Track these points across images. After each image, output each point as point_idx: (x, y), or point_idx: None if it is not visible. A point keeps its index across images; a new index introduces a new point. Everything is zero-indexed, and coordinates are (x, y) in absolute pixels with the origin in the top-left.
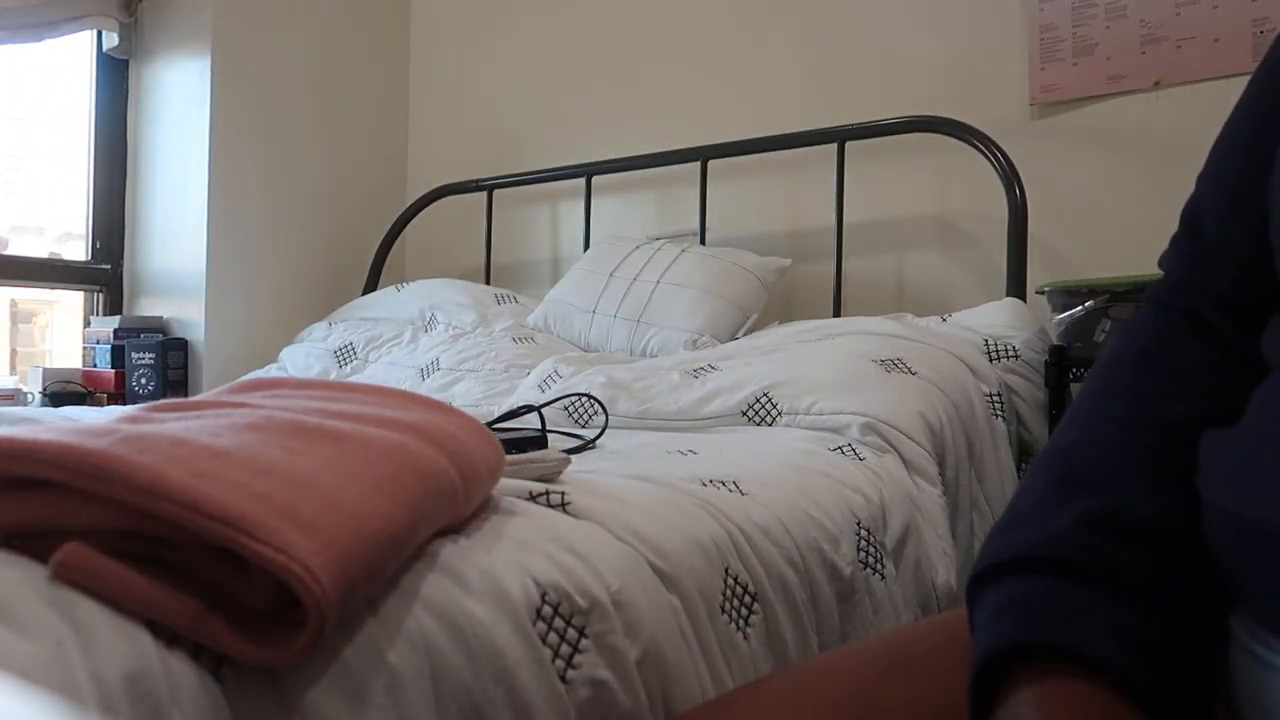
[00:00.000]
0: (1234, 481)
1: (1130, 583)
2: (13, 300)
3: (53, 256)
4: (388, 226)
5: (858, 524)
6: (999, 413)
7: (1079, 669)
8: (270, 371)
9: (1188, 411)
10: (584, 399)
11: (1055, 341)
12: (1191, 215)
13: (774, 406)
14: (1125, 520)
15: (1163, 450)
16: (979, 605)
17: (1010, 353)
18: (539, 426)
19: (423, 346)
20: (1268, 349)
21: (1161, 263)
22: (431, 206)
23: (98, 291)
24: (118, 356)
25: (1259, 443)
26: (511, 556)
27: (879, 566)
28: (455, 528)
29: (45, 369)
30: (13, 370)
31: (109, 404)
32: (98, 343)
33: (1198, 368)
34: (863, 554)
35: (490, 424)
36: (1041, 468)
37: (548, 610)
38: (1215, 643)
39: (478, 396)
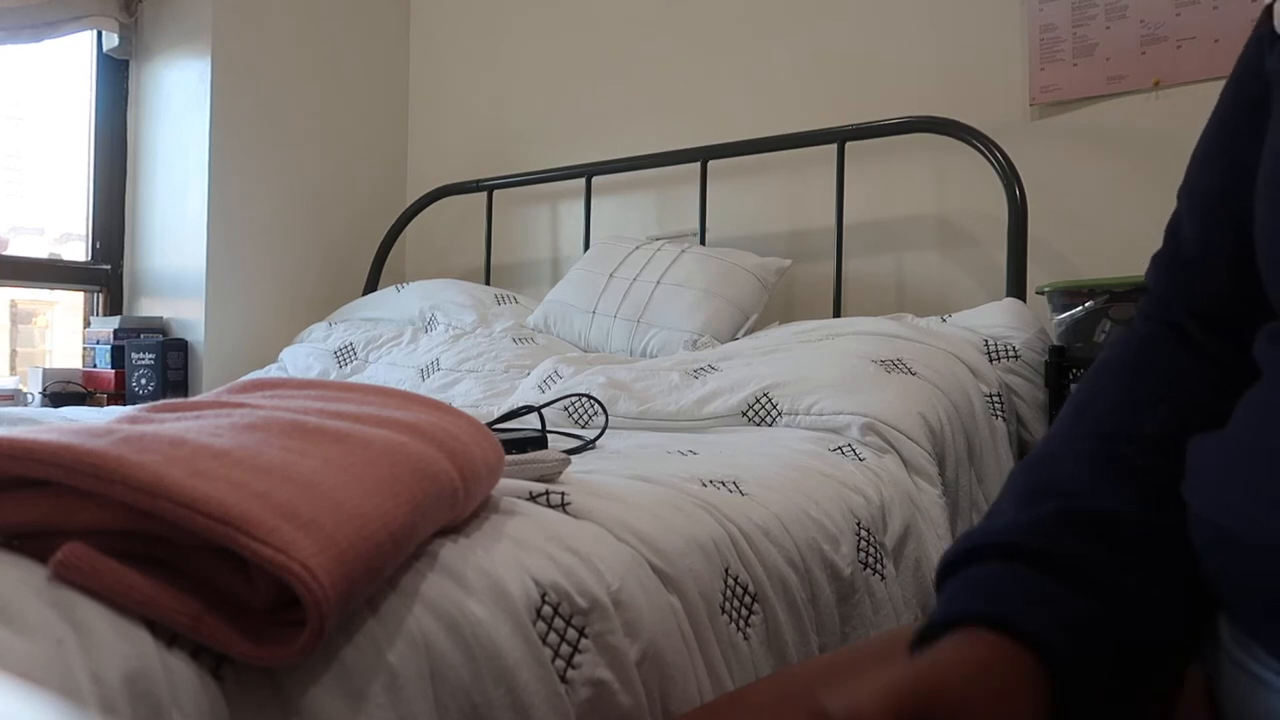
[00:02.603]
0: (1216, 489)
1: (1085, 572)
2: (13, 300)
3: (53, 257)
4: (388, 227)
5: (858, 524)
6: (999, 413)
7: (1010, 638)
8: (270, 371)
9: (1166, 418)
10: (584, 399)
11: (1055, 342)
12: (1172, 233)
13: (774, 407)
14: (1091, 516)
15: (1139, 456)
16: (941, 593)
17: (1010, 353)
18: (539, 427)
19: (423, 347)
20: (1258, 354)
21: (1147, 278)
22: (431, 206)
23: (98, 292)
24: (118, 357)
25: (1242, 449)
26: (511, 556)
27: (879, 567)
28: (455, 528)
29: (45, 369)
30: (13, 370)
31: (109, 404)
32: (98, 343)
33: (1179, 376)
34: (863, 554)
35: (490, 424)
36: (1018, 474)
37: (548, 610)
38: (1186, 642)
39: (478, 397)
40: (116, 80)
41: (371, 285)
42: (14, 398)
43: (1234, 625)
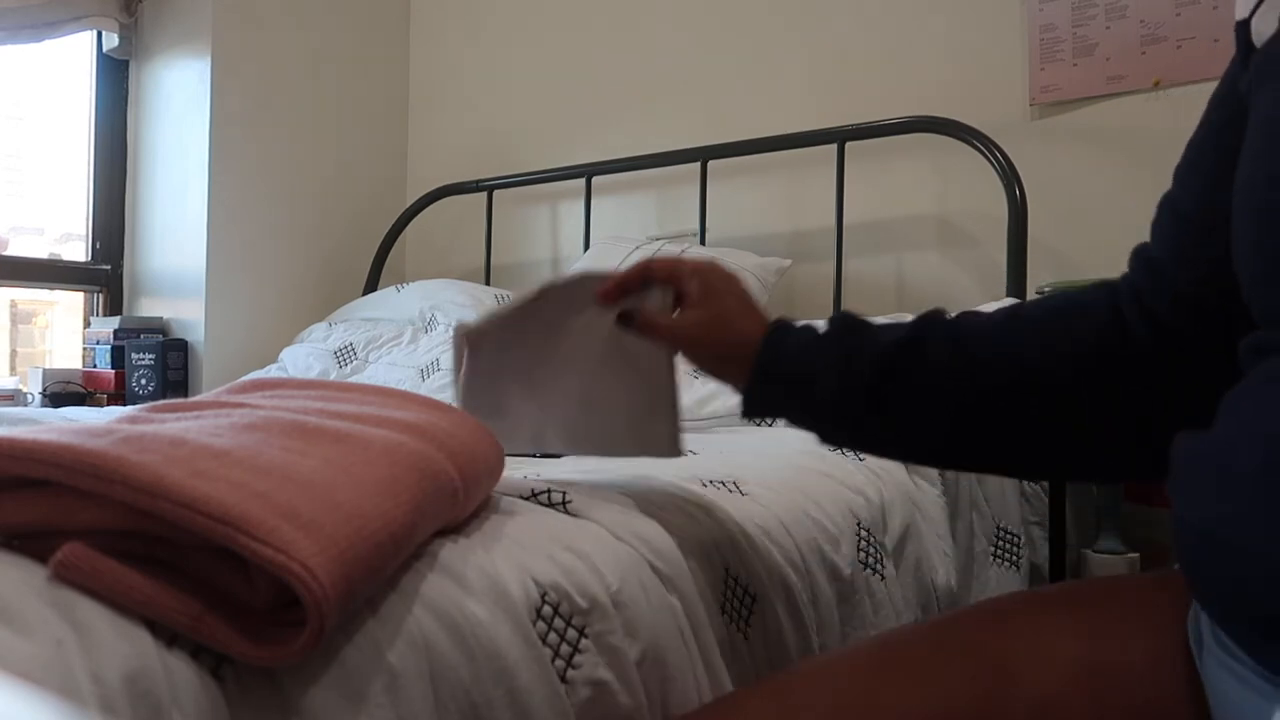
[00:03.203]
0: (1215, 496)
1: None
2: (13, 300)
3: (53, 257)
4: (388, 226)
5: (858, 524)
6: None
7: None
8: (270, 372)
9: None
10: None
11: None
12: (1152, 231)
13: None
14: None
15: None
16: None
17: None
18: None
19: (423, 347)
20: (1245, 366)
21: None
22: (431, 206)
23: (98, 292)
24: (118, 357)
25: (1216, 447)
26: (511, 556)
27: (879, 567)
28: (455, 527)
29: (45, 369)
30: (13, 371)
31: (109, 405)
32: (98, 343)
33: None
34: (863, 554)
35: None
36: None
37: (548, 610)
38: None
39: None
40: (116, 80)
41: (371, 285)
42: (14, 398)
43: (1216, 625)
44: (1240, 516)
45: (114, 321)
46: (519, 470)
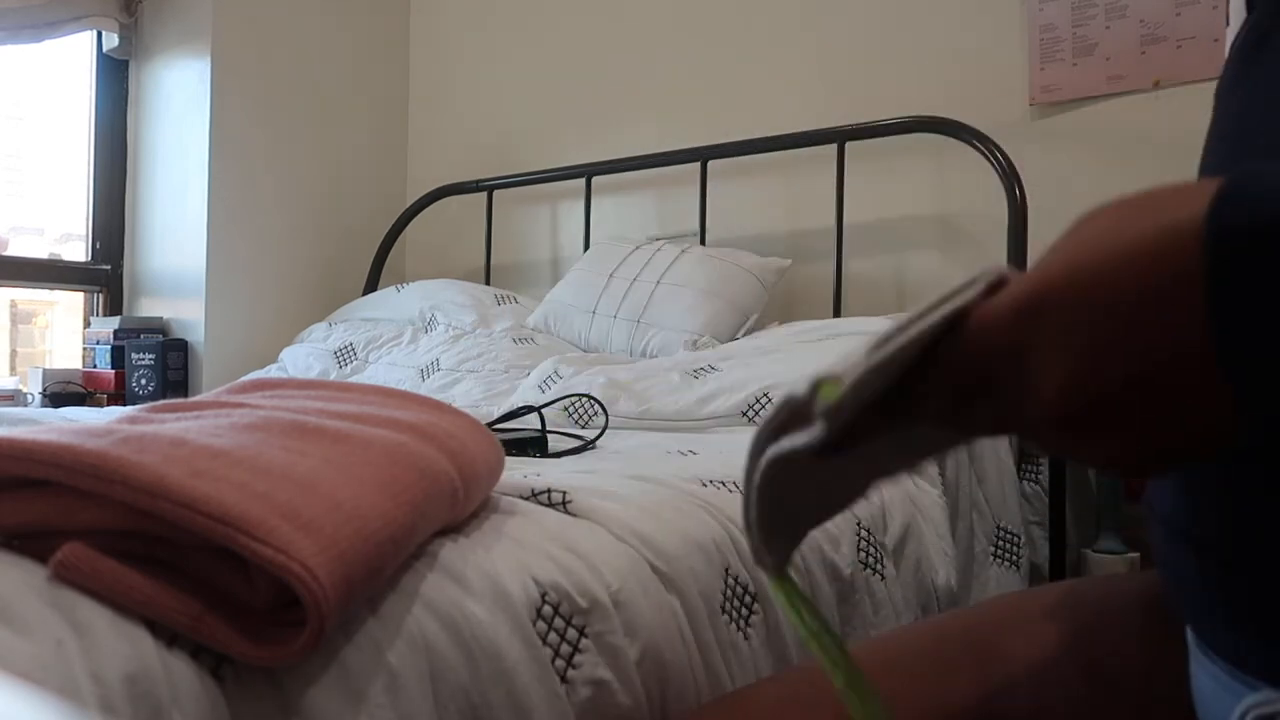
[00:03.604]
0: (1190, 500)
1: None
2: (13, 301)
3: (53, 257)
4: (388, 226)
5: (858, 524)
6: None
7: None
8: (270, 372)
9: None
10: (584, 399)
11: None
12: None
13: None
14: None
15: None
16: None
17: None
18: (539, 426)
19: (423, 347)
20: None
21: None
22: (431, 206)
23: (98, 292)
24: (118, 357)
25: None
26: (512, 556)
27: (879, 567)
28: (455, 528)
29: (45, 369)
30: (13, 371)
31: (109, 405)
32: (98, 343)
33: None
34: (863, 554)
35: (490, 424)
36: None
37: (548, 610)
38: None
39: (478, 397)
40: (116, 80)
41: (371, 285)
42: (14, 398)
43: (1185, 620)
44: (1200, 510)
45: (114, 321)
46: (519, 470)
